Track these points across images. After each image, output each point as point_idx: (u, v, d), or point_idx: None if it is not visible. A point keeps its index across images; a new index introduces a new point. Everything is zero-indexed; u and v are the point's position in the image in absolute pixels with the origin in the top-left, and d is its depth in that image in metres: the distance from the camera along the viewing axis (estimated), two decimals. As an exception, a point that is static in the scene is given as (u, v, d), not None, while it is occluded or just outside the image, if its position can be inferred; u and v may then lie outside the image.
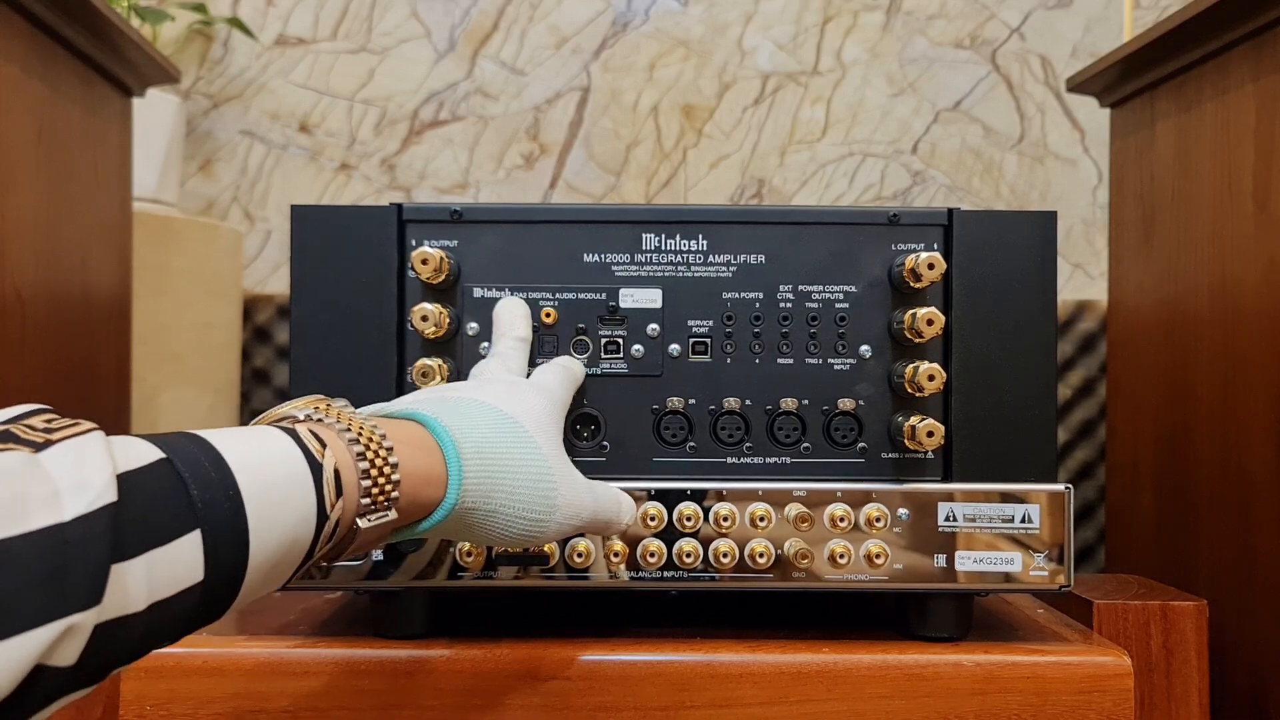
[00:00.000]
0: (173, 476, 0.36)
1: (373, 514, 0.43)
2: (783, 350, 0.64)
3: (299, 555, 0.41)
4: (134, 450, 0.36)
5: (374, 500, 0.43)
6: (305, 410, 0.45)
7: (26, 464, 0.32)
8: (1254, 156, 0.85)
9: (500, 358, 0.60)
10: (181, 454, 0.37)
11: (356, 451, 0.43)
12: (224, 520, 0.37)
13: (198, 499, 0.36)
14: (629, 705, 0.60)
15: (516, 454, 0.49)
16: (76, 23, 0.90)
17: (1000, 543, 0.62)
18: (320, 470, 0.41)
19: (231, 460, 0.38)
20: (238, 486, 0.38)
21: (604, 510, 0.54)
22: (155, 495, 0.35)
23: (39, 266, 0.87)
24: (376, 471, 0.43)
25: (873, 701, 0.60)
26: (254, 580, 0.39)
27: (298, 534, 0.40)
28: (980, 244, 0.64)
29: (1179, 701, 0.70)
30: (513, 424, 0.50)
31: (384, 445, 0.44)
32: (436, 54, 1.43)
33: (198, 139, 1.43)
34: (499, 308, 0.63)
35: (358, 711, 0.59)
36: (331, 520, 0.42)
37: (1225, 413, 0.88)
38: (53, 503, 0.31)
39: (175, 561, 0.35)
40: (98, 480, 0.33)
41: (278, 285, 1.42)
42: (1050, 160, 1.43)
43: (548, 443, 0.51)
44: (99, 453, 0.34)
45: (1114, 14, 1.42)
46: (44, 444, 0.33)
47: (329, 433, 0.43)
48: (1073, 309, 1.37)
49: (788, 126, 1.43)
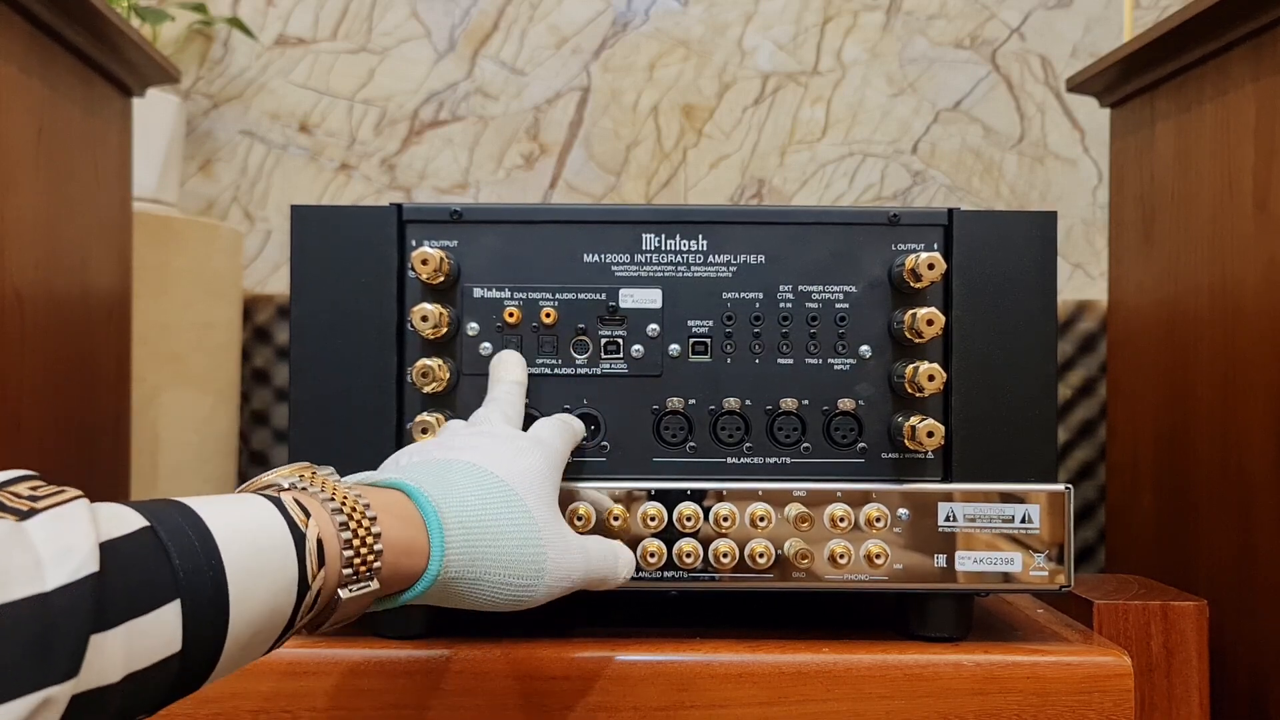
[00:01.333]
0: (155, 545, 0.36)
1: (355, 584, 0.43)
2: (783, 350, 0.64)
3: (279, 625, 0.41)
4: (117, 518, 0.36)
5: (356, 571, 0.43)
6: (290, 479, 0.45)
7: (11, 532, 0.32)
8: (1254, 156, 0.85)
9: (497, 404, 0.59)
10: (165, 521, 0.37)
11: (340, 521, 0.43)
12: (205, 590, 0.37)
13: (180, 568, 0.36)
14: (628, 705, 0.60)
15: (502, 520, 0.49)
16: (76, 23, 0.90)
17: (1000, 543, 0.62)
18: (303, 539, 0.41)
19: (215, 528, 0.38)
20: (220, 555, 0.38)
21: (597, 569, 0.54)
22: (137, 564, 0.35)
23: (39, 266, 0.87)
24: (359, 542, 0.43)
25: (873, 701, 0.60)
26: (232, 650, 0.39)
27: (278, 603, 0.40)
28: (980, 244, 0.64)
29: (1179, 702, 0.70)
30: (501, 487, 0.50)
31: (367, 515, 0.44)
32: (436, 54, 1.43)
33: (198, 139, 1.43)
34: (495, 357, 0.63)
35: (358, 711, 0.59)
36: (313, 590, 0.41)
37: (1225, 413, 0.88)
38: (35, 572, 0.31)
39: (154, 632, 0.35)
40: (81, 549, 0.33)
41: (278, 285, 1.42)
42: (1050, 160, 1.43)
43: (539, 504, 0.51)
44: (82, 521, 0.34)
45: (1114, 14, 1.42)
46: (29, 512, 0.33)
47: (313, 502, 0.43)
48: (1073, 309, 1.37)
49: (788, 126, 1.43)
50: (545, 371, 0.64)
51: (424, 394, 0.63)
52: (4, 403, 0.81)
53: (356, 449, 0.63)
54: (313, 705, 0.59)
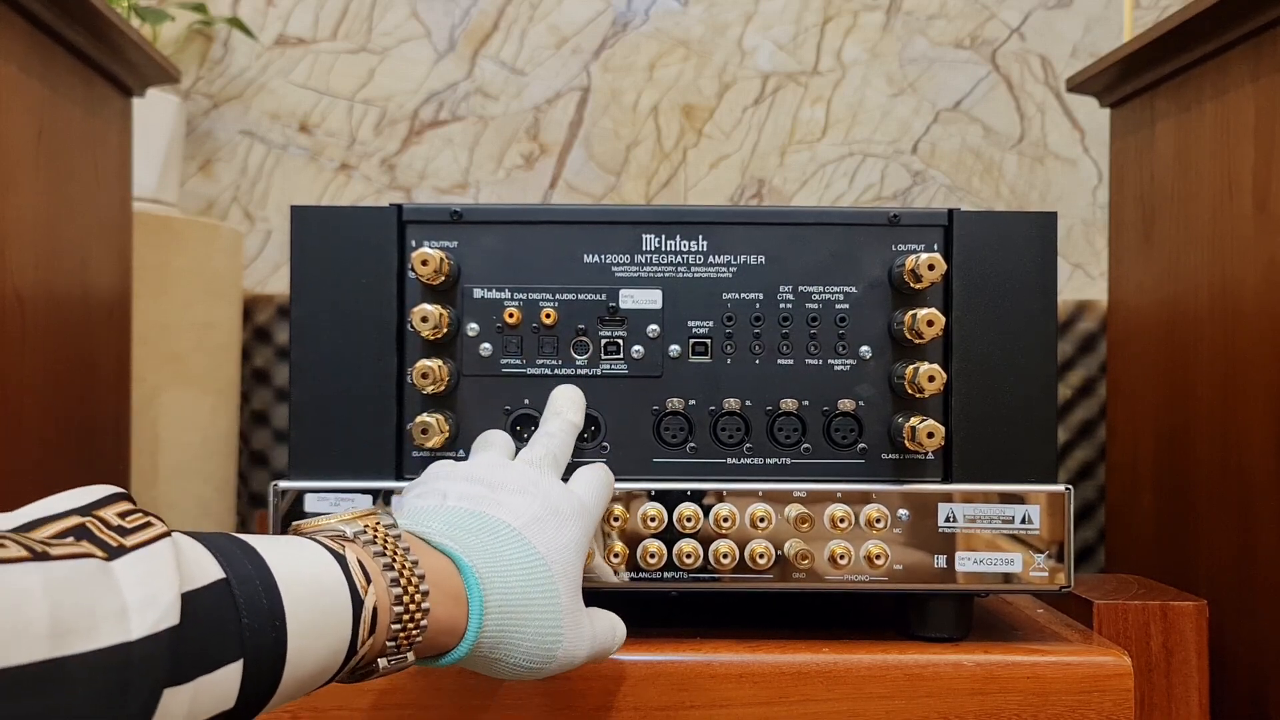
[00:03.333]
0: (228, 601, 0.36)
1: (394, 655, 0.44)
2: (783, 351, 0.64)
3: (321, 681, 0.41)
4: (198, 564, 0.36)
5: (398, 643, 0.44)
6: (354, 527, 0.45)
7: (99, 574, 0.32)
8: (1254, 156, 0.85)
9: (551, 441, 0.59)
10: (238, 572, 0.37)
11: (395, 594, 0.43)
12: (265, 651, 0.37)
13: (246, 627, 0.36)
14: (629, 705, 0.60)
15: (534, 606, 0.49)
16: (76, 23, 0.90)
17: (1000, 543, 0.62)
18: (361, 606, 0.42)
19: (281, 583, 0.38)
20: (284, 616, 0.38)
21: (600, 650, 0.54)
22: (211, 621, 0.35)
23: (39, 266, 0.87)
24: (409, 617, 0.44)
25: (873, 701, 0.60)
26: (275, 702, 0.39)
27: (327, 664, 0.41)
28: (980, 244, 0.64)
29: (1179, 702, 0.70)
30: (542, 569, 0.50)
31: (420, 590, 0.44)
32: (436, 54, 1.43)
33: (198, 139, 1.43)
34: (558, 389, 0.63)
35: (358, 711, 0.59)
36: (359, 655, 0.42)
37: (1225, 413, 0.88)
38: (121, 619, 0.31)
39: (215, 689, 0.35)
40: (164, 599, 0.33)
41: (278, 285, 1.42)
42: (1050, 160, 1.43)
43: (568, 589, 0.51)
44: (168, 566, 0.34)
45: (1114, 14, 1.42)
46: (118, 549, 0.33)
47: (374, 566, 0.44)
48: (1073, 309, 1.37)
49: (788, 126, 1.43)
50: (545, 372, 0.64)
51: (424, 395, 0.63)
52: (4, 403, 0.81)
53: (356, 449, 0.63)
54: (313, 705, 0.59)
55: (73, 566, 0.31)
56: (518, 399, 0.64)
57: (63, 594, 0.30)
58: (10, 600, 0.28)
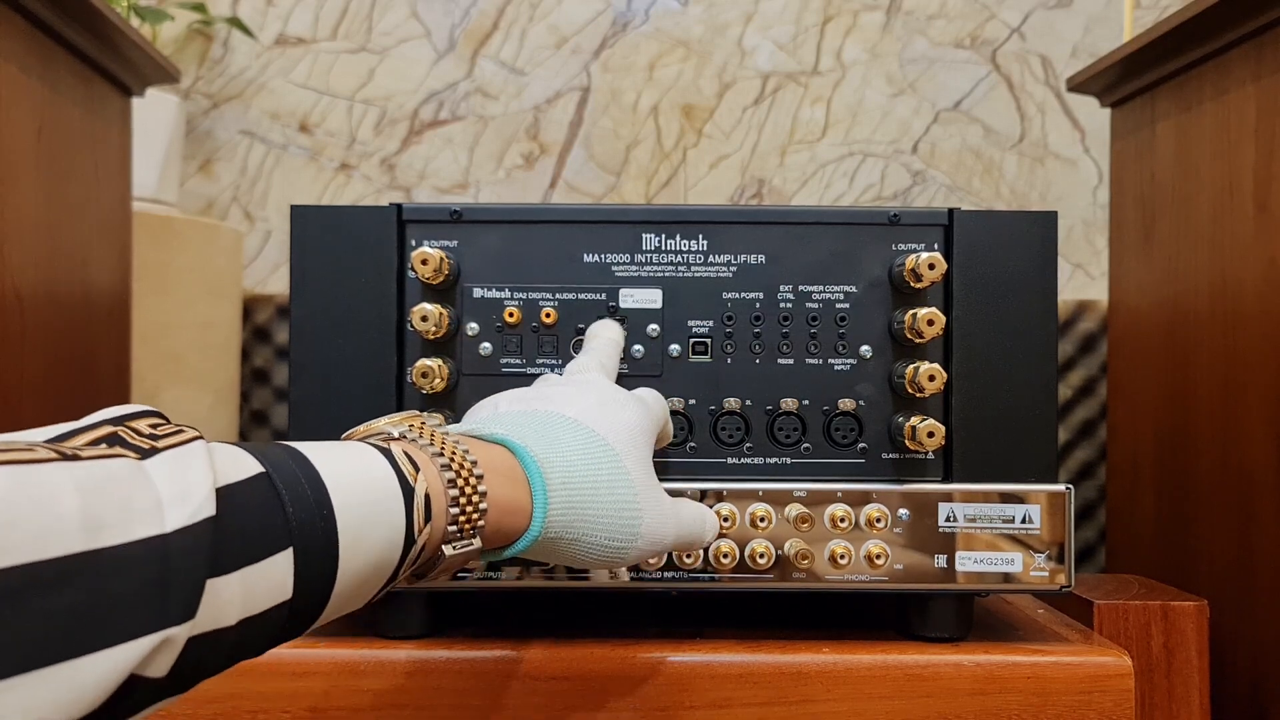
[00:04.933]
0: (270, 492, 0.36)
1: (458, 541, 0.44)
2: (783, 350, 0.64)
3: (384, 576, 0.41)
4: (234, 462, 0.36)
5: (460, 528, 0.43)
6: (400, 428, 0.45)
7: (133, 471, 0.32)
8: (1254, 156, 0.85)
9: (594, 354, 0.59)
10: (280, 468, 0.37)
11: (448, 478, 0.43)
12: (316, 540, 0.37)
13: (293, 517, 0.36)
14: (628, 705, 0.60)
15: (602, 481, 0.48)
16: (76, 22, 0.90)
17: (1000, 543, 0.62)
18: (412, 494, 0.41)
19: (327, 478, 0.38)
20: (331, 506, 0.38)
21: (687, 534, 0.53)
22: (252, 511, 0.35)
23: (39, 266, 0.87)
24: (465, 500, 0.43)
25: (873, 701, 0.60)
26: (339, 599, 0.39)
27: (385, 556, 0.40)
28: (980, 244, 0.64)
29: (1179, 701, 0.70)
30: (603, 446, 0.49)
31: (474, 473, 0.44)
32: (436, 54, 1.43)
33: (198, 139, 1.43)
34: (594, 324, 0.63)
35: (358, 711, 0.59)
36: (418, 544, 0.42)
37: (1225, 413, 0.88)
38: (155, 513, 0.31)
39: (267, 579, 0.35)
40: (199, 492, 0.33)
41: (278, 285, 1.42)
42: (1050, 160, 1.43)
43: (636, 465, 0.50)
44: (201, 463, 0.34)
45: (1114, 14, 1.42)
46: (150, 450, 0.33)
47: (422, 455, 0.43)
48: (1073, 309, 1.37)
49: (788, 126, 1.43)
50: (545, 372, 0.64)
51: (424, 394, 0.63)
52: (4, 403, 0.81)
53: (356, 449, 0.63)
54: (313, 705, 0.59)
55: (103, 465, 0.31)
56: (518, 399, 0.64)
57: (94, 490, 0.30)
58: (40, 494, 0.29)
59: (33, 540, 0.28)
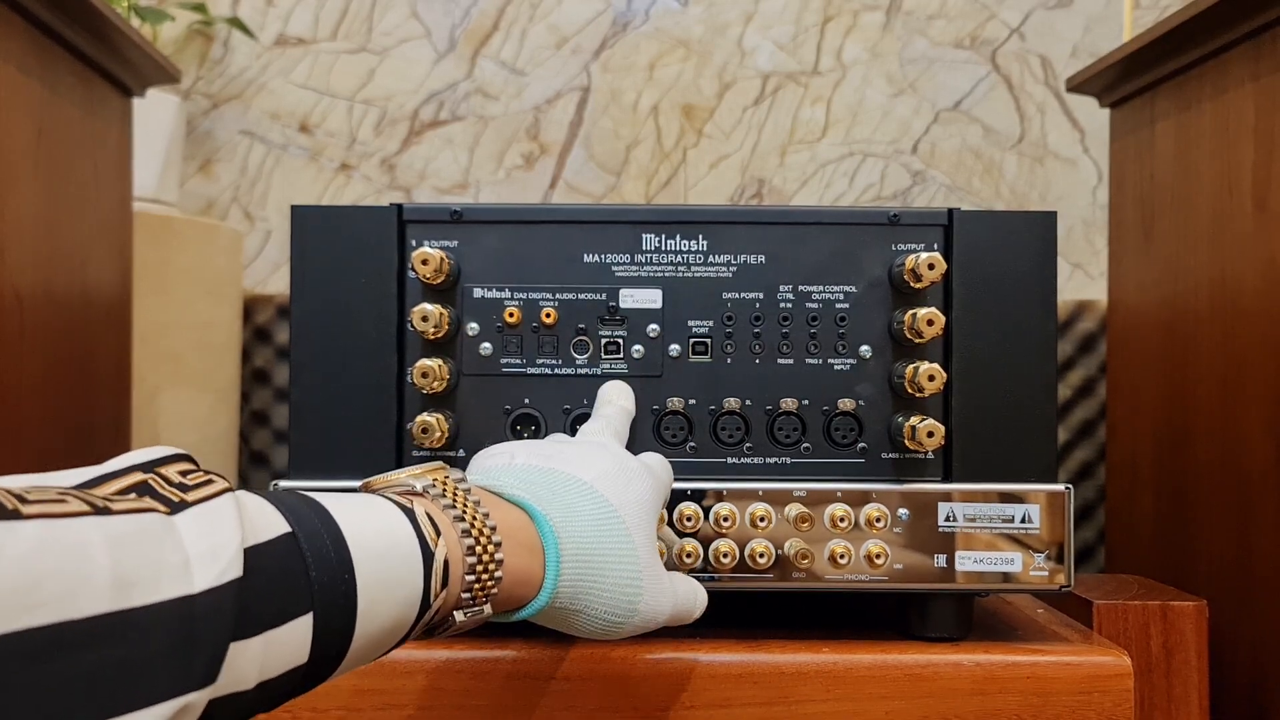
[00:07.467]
0: (295, 554, 0.36)
1: (470, 608, 0.44)
2: (783, 350, 0.64)
3: (396, 638, 0.41)
4: (262, 519, 0.36)
5: (474, 595, 0.44)
6: (423, 481, 0.45)
7: (162, 527, 0.31)
8: (1253, 156, 0.85)
9: (607, 420, 0.59)
10: (305, 527, 0.37)
11: (467, 544, 0.43)
12: (336, 603, 0.37)
13: (315, 580, 0.36)
14: (628, 705, 0.60)
15: (610, 556, 0.49)
16: (76, 23, 0.90)
17: (1000, 543, 0.62)
18: (432, 559, 0.41)
19: (350, 539, 0.38)
20: (353, 569, 0.38)
21: (680, 611, 0.53)
22: (277, 574, 0.35)
23: (39, 266, 0.87)
24: (482, 568, 0.44)
25: (873, 701, 0.60)
26: (351, 659, 0.39)
27: (400, 618, 0.40)
28: (980, 244, 0.64)
29: (1179, 702, 0.70)
30: (614, 518, 0.49)
31: (492, 540, 0.44)
32: (436, 54, 1.43)
33: (198, 139, 1.43)
34: (605, 385, 0.63)
35: (358, 712, 0.59)
36: (433, 609, 0.42)
37: (1225, 413, 0.88)
38: (184, 571, 0.31)
39: (287, 643, 0.35)
40: (226, 552, 0.32)
41: (278, 285, 1.42)
42: (1050, 160, 1.43)
43: (643, 541, 0.50)
44: (230, 520, 0.33)
45: (1114, 14, 1.42)
46: (179, 504, 0.33)
47: (444, 518, 0.43)
48: (1073, 309, 1.37)
49: (788, 126, 1.43)
50: (545, 372, 0.64)
51: (424, 394, 0.63)
52: (4, 403, 0.81)
53: (357, 449, 0.63)
54: (313, 705, 0.59)
55: (134, 520, 0.31)
56: (518, 399, 0.64)
57: (124, 547, 0.30)
58: (72, 553, 0.28)
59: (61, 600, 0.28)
